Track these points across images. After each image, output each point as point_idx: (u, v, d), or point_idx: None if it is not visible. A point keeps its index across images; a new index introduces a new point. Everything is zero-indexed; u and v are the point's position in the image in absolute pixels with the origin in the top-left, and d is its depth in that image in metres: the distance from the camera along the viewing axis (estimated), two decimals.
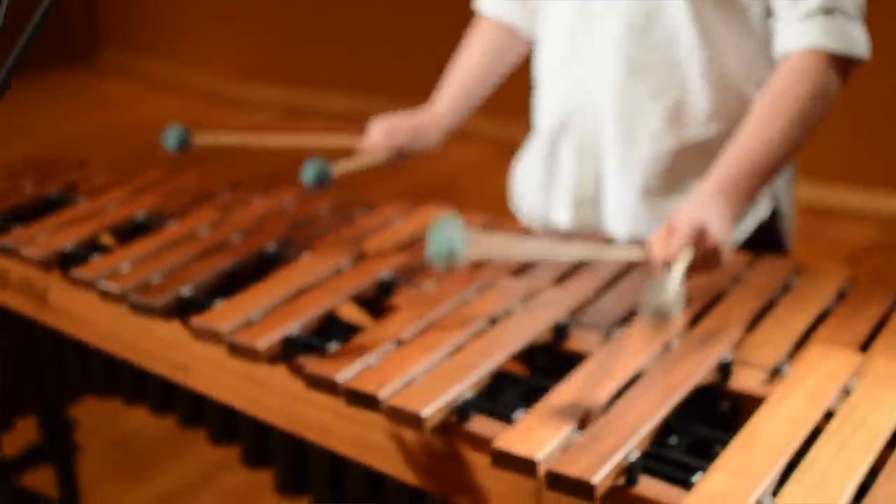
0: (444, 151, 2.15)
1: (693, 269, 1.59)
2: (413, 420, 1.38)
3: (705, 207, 1.63)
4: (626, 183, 1.93)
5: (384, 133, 2.07)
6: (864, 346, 1.55)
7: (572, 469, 1.25)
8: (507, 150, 2.87)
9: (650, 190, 1.92)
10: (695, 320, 1.60)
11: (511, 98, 2.34)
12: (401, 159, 2.10)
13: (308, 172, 1.94)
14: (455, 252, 1.45)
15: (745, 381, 1.47)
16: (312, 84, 6.39)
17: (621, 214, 1.96)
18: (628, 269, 1.77)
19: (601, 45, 1.90)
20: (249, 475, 3.05)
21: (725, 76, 1.86)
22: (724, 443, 1.36)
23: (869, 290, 1.70)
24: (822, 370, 1.44)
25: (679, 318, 1.44)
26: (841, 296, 1.70)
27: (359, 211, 2.05)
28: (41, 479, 2.63)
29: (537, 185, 2.07)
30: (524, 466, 1.29)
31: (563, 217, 2.02)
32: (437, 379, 1.44)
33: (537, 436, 1.31)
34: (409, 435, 1.44)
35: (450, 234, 1.45)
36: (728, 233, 1.63)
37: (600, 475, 1.24)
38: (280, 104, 6.45)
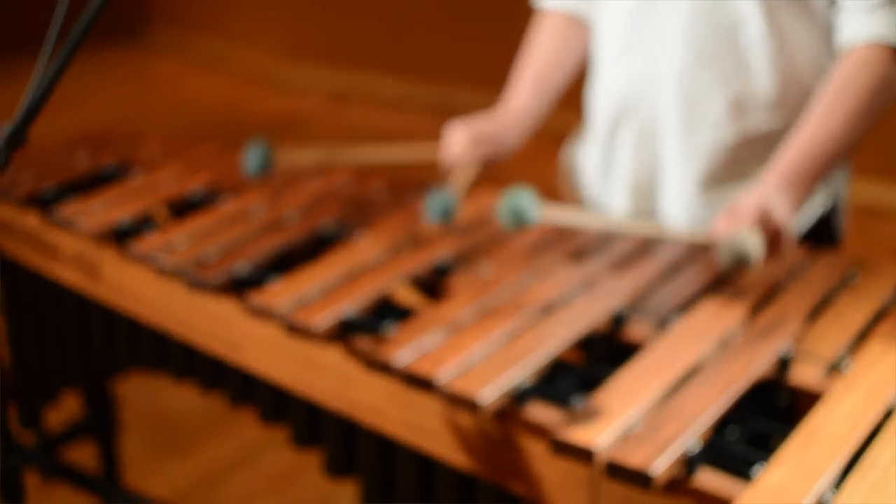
0: None
1: None
2: (470, 405, 1.37)
3: (767, 194, 1.64)
4: (685, 171, 1.92)
5: (470, 142, 1.99)
6: None
7: (631, 459, 1.25)
8: (554, 139, 2.85)
9: (710, 179, 1.91)
10: (754, 313, 1.58)
11: None
12: (487, 168, 2.02)
13: (434, 209, 1.84)
14: (524, 208, 1.49)
15: (803, 375, 1.45)
16: (362, 66, 6.38)
17: (679, 203, 1.94)
18: (686, 256, 1.75)
19: (665, 30, 1.88)
20: (290, 457, 3.08)
21: (791, 66, 1.84)
22: (782, 436, 1.35)
23: None
24: (883, 367, 1.43)
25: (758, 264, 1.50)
26: None
27: (412, 192, 2.05)
28: (83, 455, 2.64)
29: (594, 170, 2.06)
30: (583, 455, 1.28)
31: (619, 203, 2.01)
32: (495, 364, 1.43)
33: (596, 425, 1.30)
34: (464, 420, 1.43)
35: (522, 196, 1.53)
36: (790, 219, 1.63)
37: (659, 466, 1.23)
38: (328, 86, 6.44)
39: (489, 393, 1.38)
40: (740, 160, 1.89)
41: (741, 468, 1.28)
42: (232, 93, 6.57)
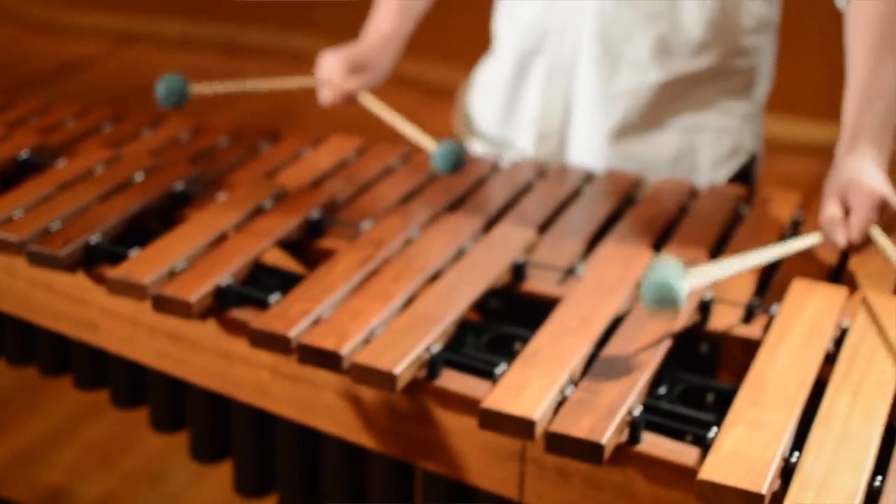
0: None
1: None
2: (384, 378, 1.22)
3: (868, 171, 1.47)
4: (600, 116, 1.80)
5: (345, 69, 1.85)
6: (834, 277, 1.48)
7: (576, 429, 1.13)
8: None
9: (625, 127, 1.80)
10: (656, 252, 1.48)
11: None
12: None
13: (442, 161, 1.67)
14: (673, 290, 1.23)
15: (724, 320, 1.37)
16: (144, 8, 6.09)
17: (589, 150, 1.82)
18: (580, 191, 1.65)
19: None
20: (110, 426, 2.89)
21: (722, 9, 1.73)
22: (716, 390, 1.27)
23: None
24: (812, 308, 1.34)
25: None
26: (796, 224, 1.62)
27: (262, 143, 1.88)
28: None
29: (498, 109, 1.92)
30: (519, 428, 1.15)
31: (523, 146, 1.88)
32: (400, 331, 1.29)
33: (528, 392, 1.18)
34: (367, 395, 1.30)
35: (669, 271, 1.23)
36: (890, 187, 1.47)
37: (607, 434, 1.12)
38: (110, 30, 6.14)
39: (402, 364, 1.23)
40: (661, 106, 1.79)
41: (681, 429, 1.20)
42: (7, 42, 6.20)
